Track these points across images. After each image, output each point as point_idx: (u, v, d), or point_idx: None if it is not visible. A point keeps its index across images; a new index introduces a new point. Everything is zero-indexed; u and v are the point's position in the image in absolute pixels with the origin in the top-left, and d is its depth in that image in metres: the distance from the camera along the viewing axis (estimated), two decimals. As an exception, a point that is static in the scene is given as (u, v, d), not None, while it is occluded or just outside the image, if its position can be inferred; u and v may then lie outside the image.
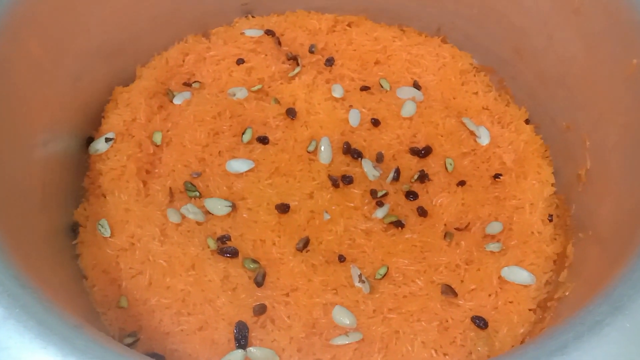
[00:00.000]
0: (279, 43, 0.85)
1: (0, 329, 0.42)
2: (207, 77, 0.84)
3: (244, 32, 0.87)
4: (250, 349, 0.62)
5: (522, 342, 0.65)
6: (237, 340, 0.63)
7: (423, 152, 0.78)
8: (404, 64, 0.87)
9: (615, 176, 0.64)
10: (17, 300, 0.44)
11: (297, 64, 0.84)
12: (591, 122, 0.69)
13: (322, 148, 0.76)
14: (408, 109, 0.81)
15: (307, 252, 0.69)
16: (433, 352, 0.64)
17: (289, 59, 0.85)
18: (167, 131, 0.78)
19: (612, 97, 0.65)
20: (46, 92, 0.66)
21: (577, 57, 0.70)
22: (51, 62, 0.67)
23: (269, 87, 0.83)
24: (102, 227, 0.70)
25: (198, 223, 0.71)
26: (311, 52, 0.86)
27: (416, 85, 0.85)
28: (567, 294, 0.62)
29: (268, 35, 0.87)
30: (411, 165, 0.77)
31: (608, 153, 0.66)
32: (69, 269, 0.68)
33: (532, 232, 0.72)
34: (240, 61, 0.84)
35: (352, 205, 0.73)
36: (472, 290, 0.68)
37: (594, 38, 0.67)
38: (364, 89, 0.84)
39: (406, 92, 0.83)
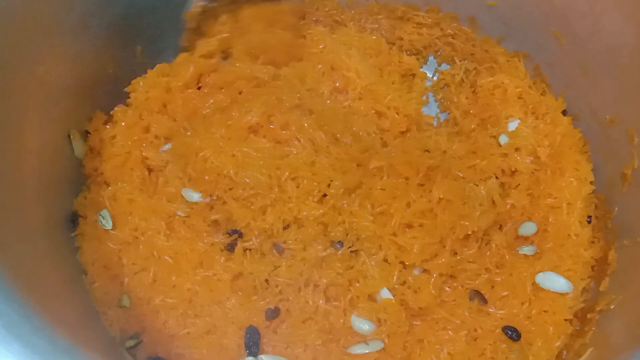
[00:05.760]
0: None
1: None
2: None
3: None
4: (262, 357, 0.59)
5: (558, 356, 0.60)
6: (247, 346, 0.59)
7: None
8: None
9: (669, 178, 0.58)
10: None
11: None
12: (640, 116, 0.63)
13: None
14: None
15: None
16: (461, 364, 0.59)
17: None
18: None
19: (668, 89, 0.59)
20: (40, 71, 0.60)
21: (627, 43, 0.63)
22: (45, 39, 0.60)
23: None
24: (104, 218, 0.66)
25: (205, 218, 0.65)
26: None
27: None
28: (612, 307, 0.57)
29: None
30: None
31: (660, 152, 0.60)
32: (67, 263, 0.63)
33: (569, 235, 0.67)
34: None
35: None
36: (504, 297, 0.64)
37: (649, 23, 0.60)
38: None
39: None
